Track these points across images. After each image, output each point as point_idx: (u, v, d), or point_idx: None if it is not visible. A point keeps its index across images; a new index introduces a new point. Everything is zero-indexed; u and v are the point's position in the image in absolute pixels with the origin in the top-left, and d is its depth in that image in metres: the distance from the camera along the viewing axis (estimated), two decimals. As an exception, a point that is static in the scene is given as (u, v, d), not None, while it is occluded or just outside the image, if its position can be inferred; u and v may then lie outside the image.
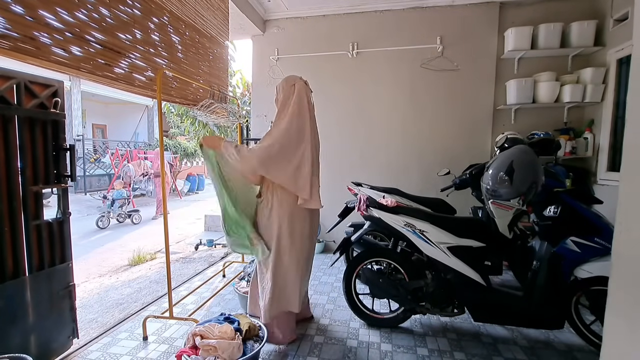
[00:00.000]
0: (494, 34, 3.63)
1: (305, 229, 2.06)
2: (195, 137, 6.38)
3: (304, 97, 2.00)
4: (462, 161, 3.47)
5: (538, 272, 1.98)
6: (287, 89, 2.03)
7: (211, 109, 2.82)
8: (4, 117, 1.66)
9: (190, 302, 2.74)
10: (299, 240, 2.03)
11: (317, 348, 2.08)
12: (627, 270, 0.86)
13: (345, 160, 4.08)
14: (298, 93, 1.99)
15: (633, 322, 0.82)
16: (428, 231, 2.07)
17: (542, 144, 2.45)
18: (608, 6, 3.20)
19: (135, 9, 2.11)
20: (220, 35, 3.19)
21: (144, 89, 2.19)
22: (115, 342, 2.16)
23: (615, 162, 3.15)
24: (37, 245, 1.84)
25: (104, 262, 4.23)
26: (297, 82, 2.03)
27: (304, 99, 1.99)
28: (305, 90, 2.03)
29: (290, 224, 1.99)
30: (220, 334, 1.77)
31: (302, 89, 2.01)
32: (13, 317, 1.70)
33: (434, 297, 2.11)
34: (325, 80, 4.06)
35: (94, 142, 12.26)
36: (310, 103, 2.05)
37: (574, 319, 2.03)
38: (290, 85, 2.03)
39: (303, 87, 2.03)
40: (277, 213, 1.99)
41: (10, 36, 1.39)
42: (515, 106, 3.54)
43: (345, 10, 3.91)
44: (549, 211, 1.98)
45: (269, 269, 2.02)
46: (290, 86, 2.03)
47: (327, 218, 4.11)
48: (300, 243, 2.04)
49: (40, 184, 1.84)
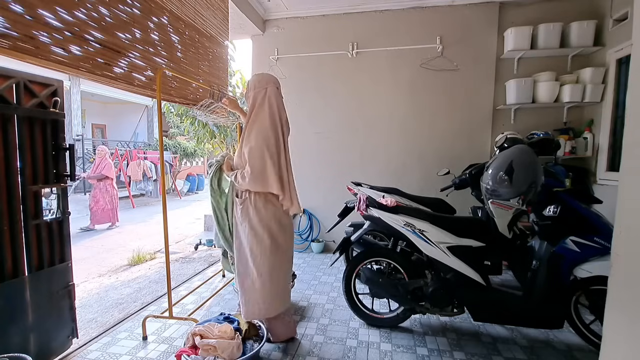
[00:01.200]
0: (493, 34, 3.63)
1: (288, 229, 2.08)
2: (195, 137, 6.35)
3: (274, 105, 1.95)
4: (461, 161, 3.48)
5: (537, 272, 1.98)
6: (258, 90, 1.97)
7: (211, 109, 2.82)
8: (4, 117, 1.66)
9: (189, 302, 2.74)
10: (283, 241, 2.03)
11: (317, 347, 2.08)
12: (626, 270, 0.86)
13: (345, 160, 4.08)
14: (269, 101, 1.95)
15: (632, 321, 0.82)
16: (428, 231, 2.07)
17: (541, 143, 2.45)
18: (607, 6, 3.21)
19: (134, 8, 2.11)
20: (220, 34, 3.19)
21: (143, 89, 2.19)
22: (115, 341, 2.16)
23: (615, 162, 3.15)
24: (37, 244, 1.84)
25: (104, 262, 4.23)
26: (269, 87, 1.97)
27: (274, 107, 1.95)
28: (276, 97, 1.98)
29: (277, 226, 2.00)
30: (219, 334, 1.77)
31: (272, 96, 1.96)
32: (12, 316, 1.70)
33: (434, 296, 2.11)
34: (325, 80, 4.07)
35: (93, 142, 12.24)
36: (281, 109, 2.00)
37: (574, 319, 2.03)
38: (262, 87, 1.97)
39: (274, 94, 1.97)
40: (262, 215, 1.96)
41: (9, 35, 1.39)
42: (514, 106, 3.54)
43: (345, 10, 3.91)
44: (549, 211, 1.98)
45: (256, 269, 1.98)
46: (262, 89, 1.97)
47: (327, 218, 4.12)
48: (284, 244, 2.04)
49: (40, 184, 1.84)
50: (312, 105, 4.13)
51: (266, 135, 1.90)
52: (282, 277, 2.04)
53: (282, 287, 2.04)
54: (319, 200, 4.19)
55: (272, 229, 1.97)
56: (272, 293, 1.98)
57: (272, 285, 1.97)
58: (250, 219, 1.96)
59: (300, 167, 4.22)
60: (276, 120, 1.95)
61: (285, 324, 2.10)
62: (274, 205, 1.98)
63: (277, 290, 2.00)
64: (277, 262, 1.99)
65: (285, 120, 2.02)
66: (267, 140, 1.90)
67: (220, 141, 6.29)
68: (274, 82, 2.02)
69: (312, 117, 4.14)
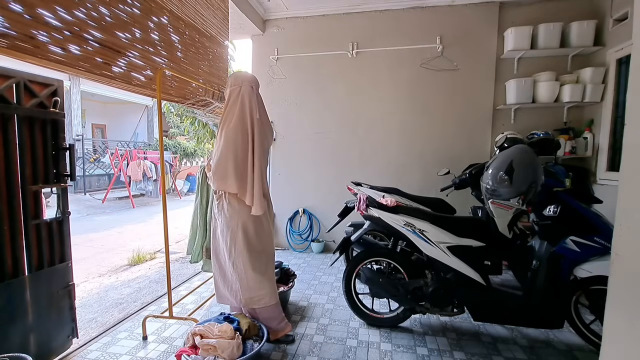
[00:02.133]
0: (493, 33, 3.63)
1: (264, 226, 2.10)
2: (195, 136, 6.35)
3: (247, 104, 1.95)
4: (461, 161, 3.48)
5: (538, 272, 1.98)
6: (233, 88, 2.00)
7: (211, 109, 2.82)
8: (4, 116, 1.66)
9: (189, 302, 2.74)
10: (258, 237, 2.06)
11: (317, 347, 2.08)
12: (626, 270, 0.86)
13: (345, 160, 4.08)
14: (241, 99, 1.96)
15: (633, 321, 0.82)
16: (428, 231, 2.07)
17: (541, 143, 2.46)
18: (608, 6, 3.21)
19: (134, 8, 2.11)
20: (220, 34, 3.19)
21: (143, 88, 2.19)
22: (115, 341, 2.15)
23: (615, 162, 3.15)
24: (37, 244, 1.84)
25: (104, 262, 4.23)
26: (243, 86, 1.99)
27: (245, 106, 1.95)
28: (249, 95, 1.97)
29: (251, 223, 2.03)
30: (220, 334, 1.77)
31: (246, 95, 1.97)
32: (13, 316, 1.70)
33: (434, 296, 2.11)
34: (325, 80, 4.07)
35: (93, 142, 12.24)
36: (254, 108, 1.97)
37: (574, 319, 2.03)
38: (237, 85, 1.99)
39: (247, 93, 1.97)
40: (235, 210, 2.01)
41: (9, 35, 1.39)
42: (514, 106, 3.54)
43: (345, 10, 3.91)
44: (549, 211, 1.98)
45: (231, 263, 2.04)
46: (237, 86, 1.99)
47: (326, 218, 4.12)
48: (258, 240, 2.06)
49: (40, 183, 1.84)
50: (312, 105, 4.13)
51: (233, 135, 1.92)
52: (261, 270, 2.06)
53: (260, 280, 2.04)
54: (319, 200, 4.19)
55: (247, 224, 2.01)
56: (250, 286, 2.03)
57: (248, 279, 2.02)
58: (224, 214, 2.03)
59: (300, 167, 4.23)
60: (246, 120, 1.94)
61: (277, 320, 2.11)
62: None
63: (255, 284, 2.03)
64: (253, 256, 2.03)
65: (258, 121, 1.97)
66: (233, 141, 1.92)
67: (220, 141, 6.29)
68: (250, 81, 2.02)
69: (312, 117, 4.14)
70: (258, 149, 1.96)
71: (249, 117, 1.95)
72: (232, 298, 2.12)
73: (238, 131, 1.93)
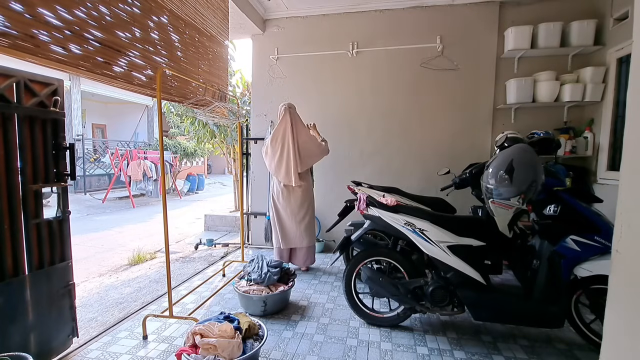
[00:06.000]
0: (493, 33, 3.63)
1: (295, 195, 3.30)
2: (195, 136, 6.34)
3: (286, 116, 3.20)
4: (462, 160, 3.48)
5: (538, 271, 1.98)
6: (279, 112, 3.27)
7: (211, 108, 2.82)
8: (4, 116, 1.66)
9: (190, 301, 2.74)
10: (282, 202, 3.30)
11: (317, 347, 2.08)
12: (627, 269, 0.86)
13: (345, 160, 4.08)
14: (283, 115, 3.21)
15: (633, 320, 0.82)
16: (428, 230, 2.07)
17: (542, 143, 2.45)
18: (608, 5, 3.20)
19: (134, 7, 2.11)
20: (220, 34, 3.19)
21: (143, 88, 2.19)
22: (115, 341, 2.16)
23: (615, 161, 3.15)
24: (37, 243, 1.84)
25: (104, 262, 4.23)
26: (283, 107, 3.25)
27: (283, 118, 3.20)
28: (287, 111, 3.20)
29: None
30: (220, 333, 1.77)
31: (286, 111, 3.21)
32: (13, 315, 1.70)
33: (434, 295, 2.10)
34: (325, 80, 4.07)
35: (93, 142, 12.25)
36: (289, 118, 3.17)
37: (574, 318, 2.03)
38: (280, 110, 3.26)
39: (286, 110, 3.22)
40: (274, 188, 3.36)
41: (9, 34, 1.39)
42: (515, 105, 3.54)
43: (345, 9, 3.91)
44: (549, 210, 1.98)
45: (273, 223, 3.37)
46: (280, 110, 3.26)
47: (326, 217, 4.12)
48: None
49: (40, 183, 1.84)
50: (312, 105, 4.12)
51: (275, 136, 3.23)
52: (288, 226, 3.28)
53: (288, 232, 3.29)
54: (319, 200, 4.18)
55: (274, 195, 3.33)
56: (282, 235, 3.30)
57: (282, 232, 3.31)
58: (271, 191, 3.37)
59: (300, 166, 4.21)
60: (283, 126, 3.22)
61: (304, 257, 3.34)
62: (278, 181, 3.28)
63: (284, 234, 3.30)
64: (282, 216, 3.30)
65: (293, 125, 3.21)
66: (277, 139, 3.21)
67: (220, 141, 6.29)
68: (287, 106, 3.23)
69: (312, 117, 4.13)
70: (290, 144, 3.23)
71: (284, 125, 3.23)
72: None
73: (286, 132, 3.22)
